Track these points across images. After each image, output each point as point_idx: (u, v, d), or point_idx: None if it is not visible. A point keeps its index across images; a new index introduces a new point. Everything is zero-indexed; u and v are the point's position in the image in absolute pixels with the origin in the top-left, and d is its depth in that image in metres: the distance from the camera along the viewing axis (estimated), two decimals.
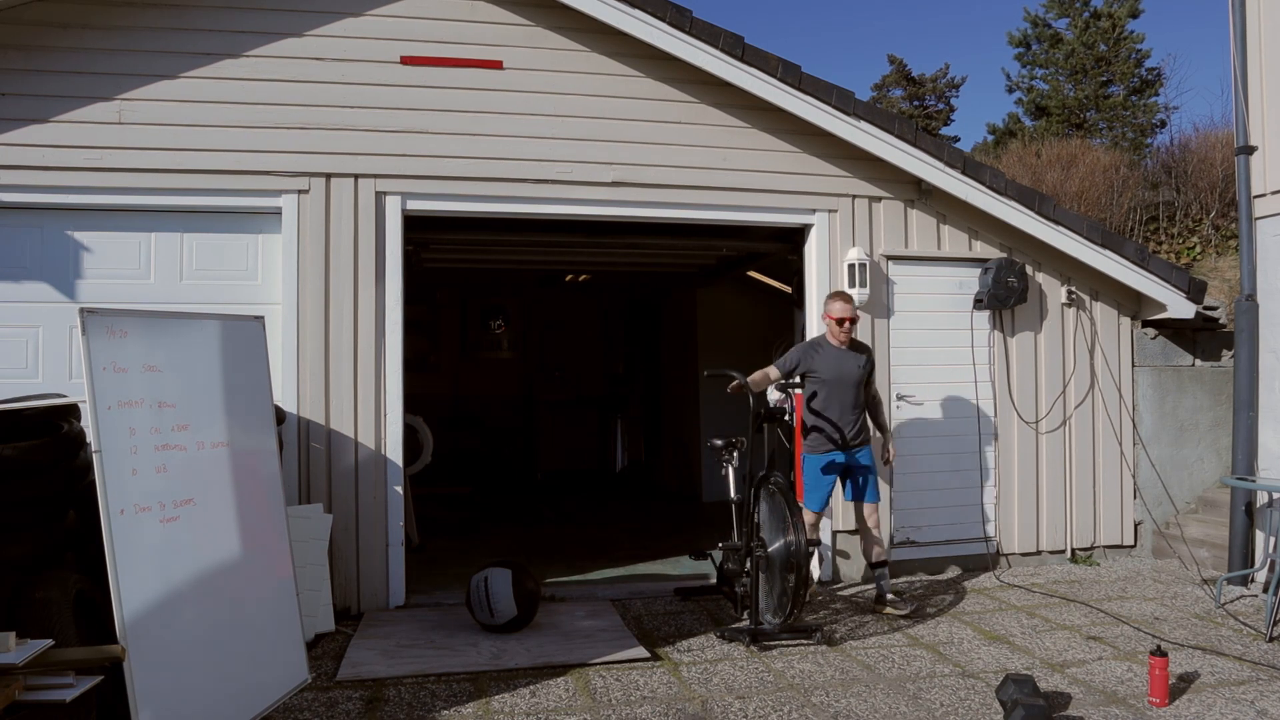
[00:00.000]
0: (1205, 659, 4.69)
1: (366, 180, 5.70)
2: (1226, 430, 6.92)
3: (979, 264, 6.64)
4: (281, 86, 5.59)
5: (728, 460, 5.63)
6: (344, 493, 5.60)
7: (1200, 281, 6.88)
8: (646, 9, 5.78)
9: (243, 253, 5.65)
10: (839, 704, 4.09)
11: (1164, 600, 5.86)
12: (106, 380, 3.15)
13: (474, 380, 12.50)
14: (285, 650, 3.91)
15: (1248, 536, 6.16)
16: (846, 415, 5.51)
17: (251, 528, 3.82)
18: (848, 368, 5.51)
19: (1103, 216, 11.17)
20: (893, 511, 6.47)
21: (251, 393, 3.98)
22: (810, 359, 5.54)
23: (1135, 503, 6.98)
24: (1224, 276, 9.13)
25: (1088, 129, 19.29)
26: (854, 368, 5.53)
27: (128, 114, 5.41)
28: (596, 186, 6.02)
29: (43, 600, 3.25)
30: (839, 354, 5.52)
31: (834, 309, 5.53)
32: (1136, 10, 20.06)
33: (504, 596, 5.06)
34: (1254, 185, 6.32)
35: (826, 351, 5.54)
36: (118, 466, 3.12)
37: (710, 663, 4.65)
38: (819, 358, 5.52)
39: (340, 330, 5.63)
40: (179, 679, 3.25)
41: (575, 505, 10.06)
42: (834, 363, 5.50)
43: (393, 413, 5.71)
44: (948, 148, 6.59)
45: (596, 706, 4.04)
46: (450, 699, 4.14)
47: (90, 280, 5.43)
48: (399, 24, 5.77)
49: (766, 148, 6.28)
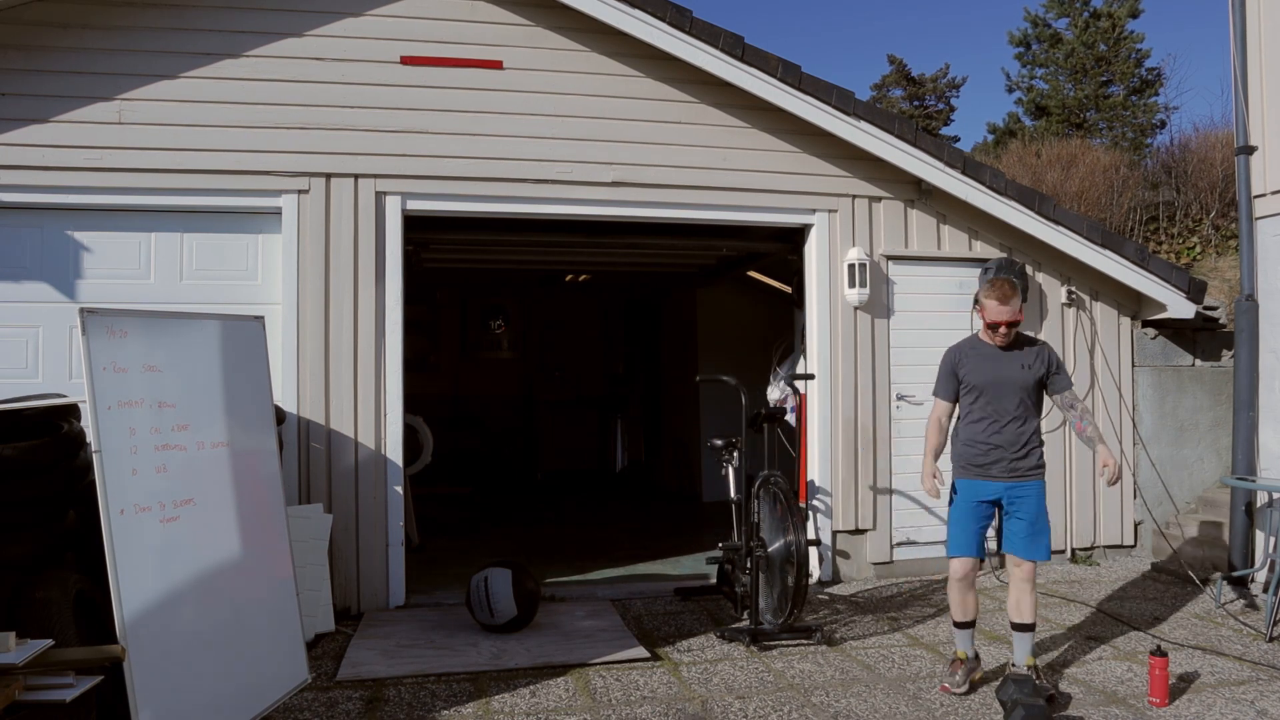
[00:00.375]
0: (1205, 659, 4.68)
1: (366, 180, 5.70)
2: (1226, 430, 6.92)
3: (979, 264, 6.64)
4: (281, 86, 5.59)
5: (728, 460, 5.63)
6: (344, 493, 5.60)
7: (1200, 281, 6.89)
8: (646, 9, 5.78)
9: (243, 253, 5.65)
10: (839, 704, 4.09)
11: (1164, 600, 5.86)
12: (106, 380, 3.15)
13: (474, 380, 12.50)
14: (285, 650, 3.91)
15: (1248, 536, 6.16)
16: (1001, 433, 4.24)
17: (251, 528, 3.82)
18: (1007, 371, 4.26)
19: (1103, 216, 11.16)
20: (893, 512, 6.47)
21: (251, 393, 3.98)
22: (960, 364, 4.37)
23: (1135, 503, 6.98)
24: (1224, 276, 9.12)
25: (1088, 129, 19.29)
26: (1015, 369, 4.26)
27: (128, 114, 5.41)
28: (596, 186, 6.02)
29: (43, 600, 3.25)
30: (995, 355, 4.29)
31: (988, 308, 4.22)
32: (1136, 10, 20.06)
33: (504, 596, 5.06)
34: (1254, 185, 6.32)
35: (979, 351, 4.35)
36: (118, 466, 3.12)
37: (710, 663, 4.65)
38: (968, 360, 4.35)
39: (340, 330, 5.63)
40: (179, 679, 3.25)
41: (575, 505, 10.06)
42: (988, 365, 4.29)
43: (393, 413, 5.71)
44: (948, 148, 6.59)
45: (596, 706, 4.04)
46: (450, 699, 4.14)
47: (90, 280, 5.43)
48: (399, 24, 5.77)
49: (766, 148, 6.28)
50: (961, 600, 4.32)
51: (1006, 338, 4.24)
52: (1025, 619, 4.19)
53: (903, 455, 6.45)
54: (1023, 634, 4.21)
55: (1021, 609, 4.19)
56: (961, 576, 4.29)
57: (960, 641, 4.35)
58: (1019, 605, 4.20)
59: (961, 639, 4.35)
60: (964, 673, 4.24)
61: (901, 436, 6.46)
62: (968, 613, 4.32)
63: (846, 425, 6.37)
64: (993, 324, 4.20)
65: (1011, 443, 4.22)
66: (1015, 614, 4.22)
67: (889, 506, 6.45)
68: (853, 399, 6.39)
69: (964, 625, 4.34)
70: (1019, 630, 4.21)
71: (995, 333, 4.23)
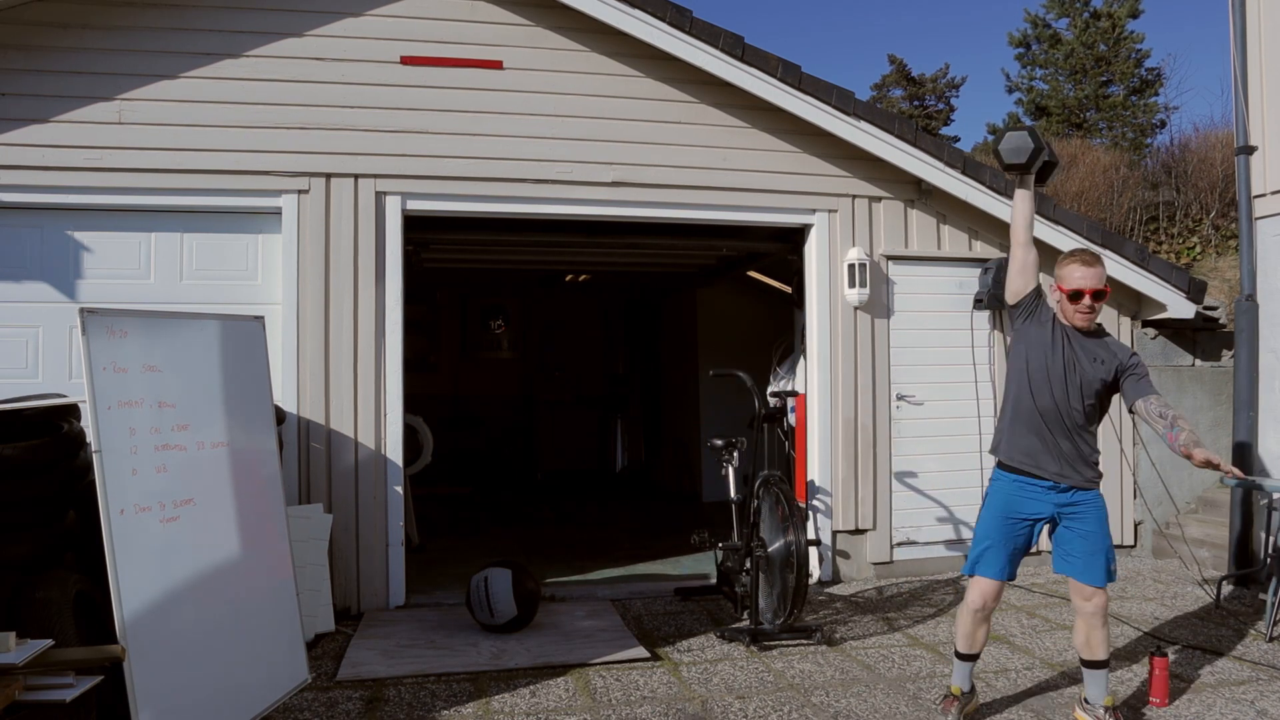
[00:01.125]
0: (1205, 659, 4.68)
1: (366, 180, 5.70)
2: (1226, 430, 6.92)
3: (979, 264, 6.64)
4: (281, 86, 5.59)
5: (728, 460, 5.63)
6: (344, 493, 5.60)
7: (1200, 281, 6.89)
8: (646, 9, 5.78)
9: (243, 253, 5.65)
10: (839, 704, 4.09)
11: (1164, 600, 5.86)
12: (106, 380, 3.15)
13: (474, 380, 12.49)
14: (285, 650, 3.91)
15: (1248, 536, 6.16)
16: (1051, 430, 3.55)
17: (251, 528, 3.82)
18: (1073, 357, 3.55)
19: (1103, 216, 11.17)
20: (893, 512, 6.47)
21: (251, 393, 3.98)
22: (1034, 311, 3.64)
23: (1135, 503, 6.98)
24: (1224, 276, 9.13)
25: (1088, 129, 19.29)
26: (1085, 361, 3.54)
27: (128, 114, 5.41)
28: (596, 186, 6.01)
29: (43, 600, 3.25)
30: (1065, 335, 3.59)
31: (1068, 274, 3.55)
32: (1136, 10, 20.06)
33: (504, 596, 5.06)
34: (1254, 185, 6.32)
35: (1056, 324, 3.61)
36: (118, 466, 3.12)
37: (710, 663, 4.65)
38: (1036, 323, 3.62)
39: (340, 330, 5.63)
40: (179, 679, 3.25)
41: (575, 505, 10.06)
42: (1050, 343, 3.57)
43: (393, 413, 5.71)
44: (948, 148, 6.59)
45: (596, 706, 4.04)
46: (450, 699, 4.14)
47: (90, 280, 5.43)
48: (399, 24, 5.77)
49: (766, 148, 6.27)
50: (973, 631, 3.72)
51: (1090, 316, 3.51)
52: (1098, 656, 3.63)
53: (903, 455, 6.45)
54: (1097, 671, 3.65)
55: (1093, 646, 3.62)
56: (979, 607, 3.66)
57: (958, 675, 3.80)
58: (1089, 643, 3.62)
59: (960, 673, 3.80)
60: (956, 711, 3.74)
61: (901, 436, 6.46)
62: (975, 645, 3.75)
63: (846, 425, 6.37)
64: (1074, 292, 3.48)
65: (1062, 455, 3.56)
66: (1086, 651, 3.65)
67: (889, 506, 6.45)
68: (853, 399, 6.39)
69: (968, 658, 3.79)
70: (1093, 668, 3.66)
71: (1078, 306, 3.50)
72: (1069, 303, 3.55)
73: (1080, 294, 3.50)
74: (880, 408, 6.45)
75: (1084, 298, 3.50)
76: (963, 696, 3.78)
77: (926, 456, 6.53)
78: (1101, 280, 3.52)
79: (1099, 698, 3.66)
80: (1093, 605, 3.56)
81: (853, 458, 6.38)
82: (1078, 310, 3.53)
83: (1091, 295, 3.49)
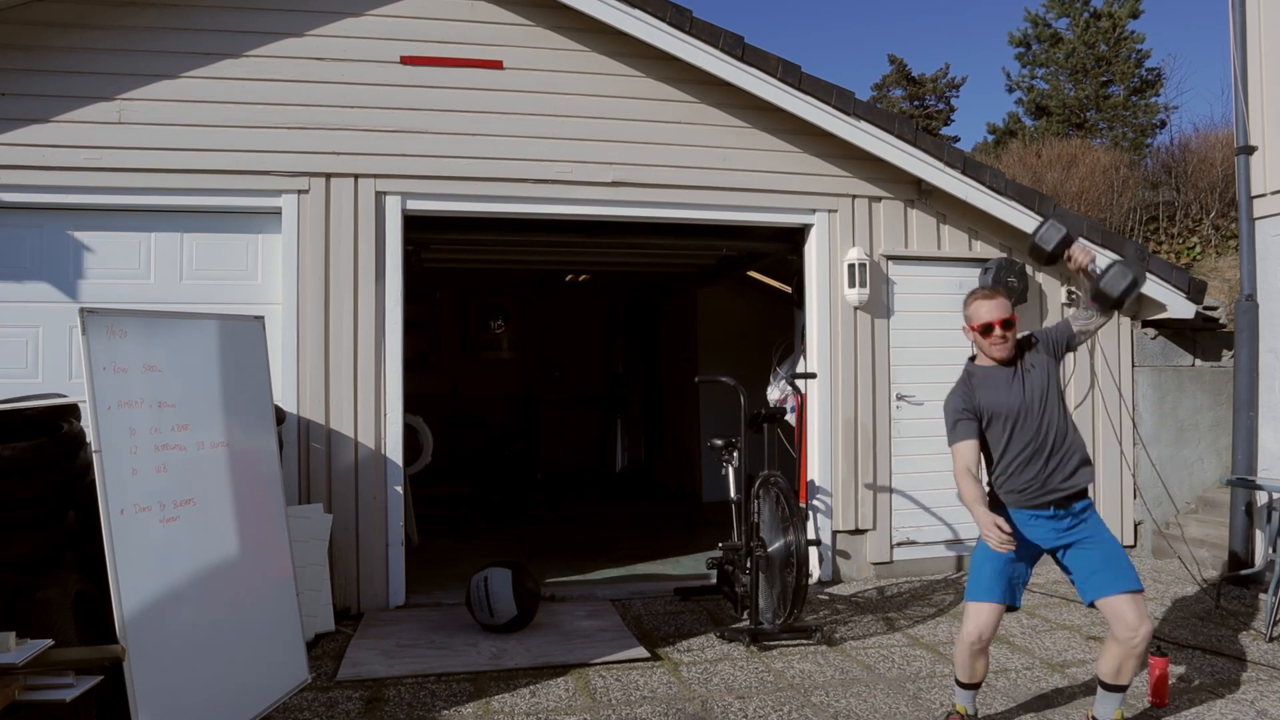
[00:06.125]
0: (1205, 659, 4.68)
1: (366, 180, 5.70)
2: (1226, 430, 6.92)
3: (979, 264, 6.64)
4: (281, 86, 5.59)
5: (728, 460, 5.63)
6: (344, 493, 5.60)
7: (1200, 281, 6.88)
8: (646, 9, 5.78)
9: (243, 253, 5.65)
10: (839, 704, 4.09)
11: (1164, 600, 5.85)
12: (106, 380, 3.15)
13: (474, 380, 12.49)
14: (285, 650, 3.91)
15: (1248, 536, 6.16)
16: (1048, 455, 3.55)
17: (251, 528, 3.82)
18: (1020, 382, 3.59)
19: (1103, 216, 11.17)
20: (893, 512, 6.47)
21: (251, 393, 3.98)
22: (970, 397, 3.61)
23: (1135, 503, 6.98)
24: (1224, 276, 9.13)
25: (1088, 129, 19.29)
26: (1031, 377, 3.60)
27: (128, 114, 5.41)
28: (596, 186, 6.02)
29: (43, 600, 3.25)
30: (1003, 375, 3.61)
31: (974, 313, 3.62)
32: (1136, 10, 20.06)
33: (504, 596, 5.06)
34: (1254, 185, 6.32)
35: (986, 376, 3.64)
36: (118, 466, 3.12)
37: (710, 663, 4.65)
38: (980, 391, 3.61)
39: (340, 330, 5.63)
40: (179, 679, 3.25)
41: (575, 505, 10.06)
42: (1002, 388, 3.59)
43: (393, 413, 5.71)
44: (948, 148, 6.59)
45: (596, 706, 4.04)
46: (450, 699, 4.14)
47: (90, 280, 5.43)
48: (399, 24, 5.77)
49: (766, 148, 6.27)
50: (971, 663, 3.60)
51: (1005, 344, 3.56)
52: (1124, 682, 3.50)
53: (903, 455, 6.45)
54: (1116, 694, 3.52)
55: (1124, 673, 3.47)
56: (975, 639, 3.52)
57: (961, 697, 3.70)
58: (1122, 670, 3.47)
59: (964, 696, 3.69)
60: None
61: (901, 436, 6.46)
62: (975, 676, 3.63)
63: (846, 425, 6.37)
64: (984, 326, 3.55)
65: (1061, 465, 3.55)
66: (1114, 678, 3.49)
67: (889, 506, 6.45)
68: (853, 399, 6.39)
69: (970, 686, 3.67)
70: (1113, 691, 3.52)
71: (990, 339, 3.55)
72: (983, 339, 3.61)
73: (990, 326, 3.56)
74: (880, 408, 6.45)
75: (994, 329, 3.56)
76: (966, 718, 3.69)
77: (926, 456, 6.52)
78: (1007, 310, 3.58)
79: (1108, 716, 3.58)
80: (1140, 636, 3.38)
81: (853, 458, 6.38)
82: (992, 343, 3.59)
83: (1001, 325, 3.55)
